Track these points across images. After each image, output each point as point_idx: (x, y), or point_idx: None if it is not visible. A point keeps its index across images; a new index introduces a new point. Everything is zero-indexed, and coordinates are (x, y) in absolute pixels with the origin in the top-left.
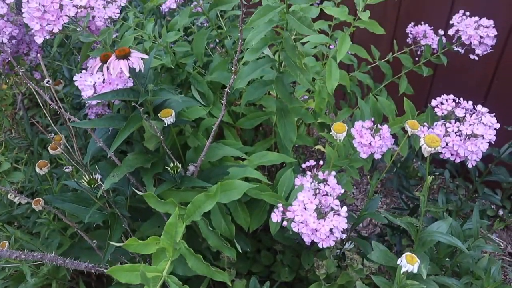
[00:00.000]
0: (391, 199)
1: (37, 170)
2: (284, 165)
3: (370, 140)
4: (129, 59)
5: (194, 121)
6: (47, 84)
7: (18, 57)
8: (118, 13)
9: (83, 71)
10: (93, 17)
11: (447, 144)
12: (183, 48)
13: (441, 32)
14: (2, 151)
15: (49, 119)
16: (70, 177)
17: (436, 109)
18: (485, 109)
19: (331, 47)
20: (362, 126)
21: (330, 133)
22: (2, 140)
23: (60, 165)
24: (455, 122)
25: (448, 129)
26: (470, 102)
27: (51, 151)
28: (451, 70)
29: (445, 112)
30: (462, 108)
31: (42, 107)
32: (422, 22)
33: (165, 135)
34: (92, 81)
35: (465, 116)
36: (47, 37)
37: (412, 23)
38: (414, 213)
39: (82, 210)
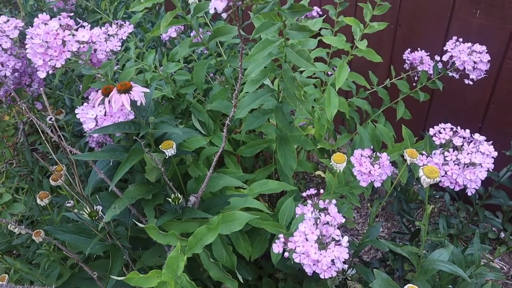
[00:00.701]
0: (392, 223)
1: (38, 201)
2: (285, 192)
3: (370, 168)
4: (130, 93)
5: (194, 150)
6: (50, 122)
7: (20, 88)
8: (119, 46)
9: (85, 104)
10: (95, 50)
11: (446, 173)
12: (184, 76)
13: (437, 57)
14: (3, 181)
15: (49, 148)
16: (71, 209)
17: (434, 138)
18: (482, 138)
19: (329, 74)
20: (361, 154)
21: (330, 163)
22: (3, 170)
23: (61, 195)
24: (453, 151)
25: (447, 158)
26: (468, 131)
27: (52, 182)
28: (448, 94)
29: (443, 141)
30: (459, 136)
31: (42, 135)
32: (419, 49)
33: (166, 166)
34: (94, 114)
35: (462, 145)
36: (50, 72)
37: (409, 49)
38: (416, 237)
39: (82, 241)
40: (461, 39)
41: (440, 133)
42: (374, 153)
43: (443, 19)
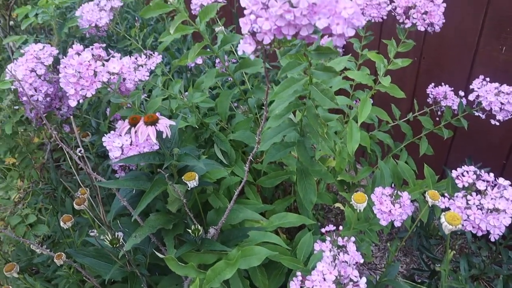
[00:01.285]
0: (411, 258)
1: (61, 224)
2: (303, 224)
3: (390, 207)
4: (156, 125)
5: (216, 180)
6: (80, 154)
7: (50, 112)
8: (147, 76)
9: (112, 132)
10: (124, 79)
11: (468, 217)
12: (208, 104)
13: (461, 93)
14: (29, 201)
15: (75, 171)
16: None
17: (457, 181)
18: (507, 182)
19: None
20: (382, 193)
21: (351, 201)
22: (29, 190)
23: (84, 217)
24: (476, 195)
25: (469, 202)
26: (492, 175)
27: (76, 206)
28: (472, 130)
29: (466, 184)
30: (483, 180)
31: (68, 158)
32: (443, 83)
33: (187, 197)
34: (120, 143)
35: (486, 189)
36: (81, 101)
37: (433, 84)
38: (435, 275)
39: (102, 266)
40: (488, 79)
41: (463, 175)
42: (395, 191)
43: (468, 54)
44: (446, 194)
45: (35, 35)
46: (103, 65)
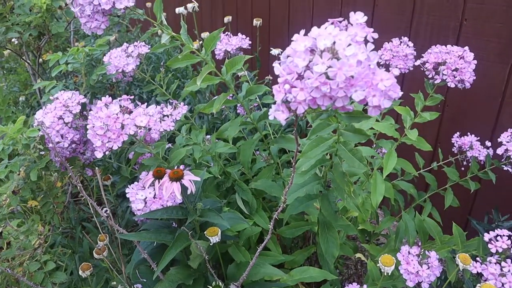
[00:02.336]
0: None
1: (80, 272)
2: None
3: (418, 268)
4: (181, 181)
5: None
6: (105, 214)
7: (74, 157)
8: (173, 126)
9: (135, 183)
10: (149, 129)
11: (503, 285)
12: (231, 150)
13: (488, 143)
14: (48, 245)
15: (94, 213)
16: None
17: (489, 245)
18: None
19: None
20: (409, 252)
21: (378, 264)
22: (49, 234)
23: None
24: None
25: (504, 269)
26: None
27: (95, 255)
28: (498, 180)
29: (500, 250)
30: None
31: (90, 206)
32: (468, 133)
33: (209, 252)
34: (143, 195)
35: None
36: (107, 153)
37: (458, 133)
38: None
39: None
40: None
41: (497, 240)
42: (422, 251)
43: (494, 103)
44: (478, 259)
45: (64, 80)
46: (131, 112)
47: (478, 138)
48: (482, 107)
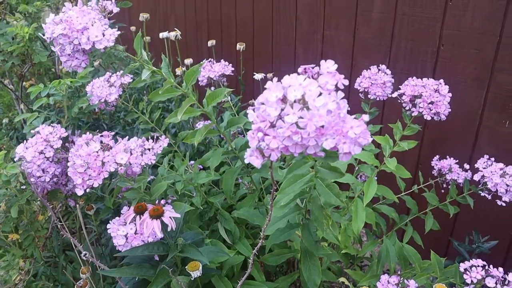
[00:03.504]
0: None
1: None
2: None
3: None
4: (162, 218)
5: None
6: (84, 258)
7: (56, 190)
8: (154, 160)
9: (117, 218)
10: (130, 163)
11: None
12: (213, 178)
13: (466, 166)
14: (30, 278)
15: (77, 241)
16: None
17: (465, 276)
18: None
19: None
20: (388, 281)
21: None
22: (30, 267)
23: None
24: None
25: None
26: (501, 269)
27: None
28: (478, 202)
29: (475, 280)
30: (492, 276)
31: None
32: (447, 156)
33: (191, 286)
34: (124, 231)
35: (495, 287)
36: (87, 190)
37: (437, 157)
38: None
39: None
40: (493, 159)
41: (471, 270)
42: (401, 279)
43: (471, 127)
44: None
45: (46, 111)
46: (111, 148)
47: (457, 161)
48: (460, 131)
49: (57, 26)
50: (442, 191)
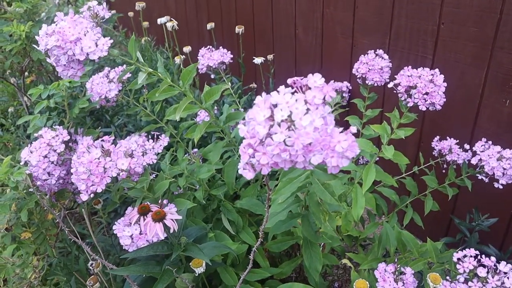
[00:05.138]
0: None
1: None
2: None
3: (393, 285)
4: (164, 222)
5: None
6: (91, 267)
7: (63, 189)
8: (155, 159)
9: (122, 219)
10: (131, 167)
11: None
12: (216, 168)
13: (466, 146)
14: (43, 275)
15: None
16: None
17: (457, 266)
18: (508, 268)
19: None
20: (385, 269)
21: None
22: (44, 265)
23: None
24: (477, 281)
25: None
26: (493, 259)
27: (90, 287)
28: (478, 183)
29: (467, 270)
30: (483, 266)
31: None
32: (447, 137)
33: (196, 281)
34: (130, 232)
35: (487, 276)
36: (91, 195)
37: (438, 137)
38: None
39: None
40: (490, 142)
41: (463, 261)
42: (399, 267)
43: (472, 105)
44: (448, 278)
45: (48, 112)
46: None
47: (458, 141)
48: (461, 109)
49: (50, 38)
50: (443, 171)
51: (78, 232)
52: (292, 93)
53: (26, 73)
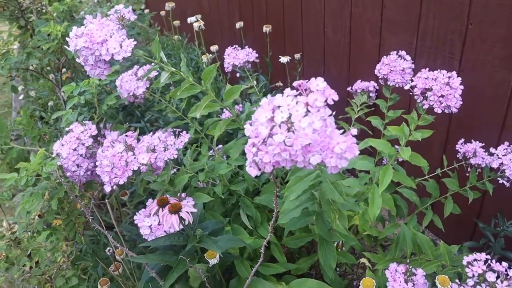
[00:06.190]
0: None
1: (99, 287)
2: None
3: (403, 286)
4: (180, 214)
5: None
6: (108, 253)
7: (91, 180)
8: (176, 155)
9: (142, 210)
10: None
11: None
12: (234, 165)
13: (492, 150)
14: (72, 260)
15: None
16: None
17: (467, 269)
18: None
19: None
20: (396, 269)
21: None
22: (72, 250)
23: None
24: (487, 287)
25: None
26: (504, 264)
27: (112, 273)
28: (503, 189)
29: (476, 274)
30: (493, 271)
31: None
32: (472, 140)
33: (210, 271)
34: (149, 222)
35: (496, 281)
36: (114, 187)
37: (462, 140)
38: None
39: None
40: None
41: (472, 265)
42: (410, 268)
43: (500, 107)
44: (457, 281)
45: (79, 108)
46: (134, 149)
47: (483, 144)
48: (489, 112)
49: (79, 39)
50: (467, 174)
51: (108, 222)
52: (297, 96)
53: (64, 70)
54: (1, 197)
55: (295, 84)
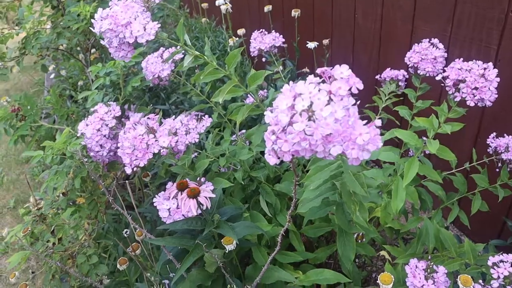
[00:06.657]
0: None
1: (118, 266)
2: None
3: (423, 283)
4: (198, 198)
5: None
6: (125, 235)
7: (114, 161)
8: (197, 139)
9: (162, 193)
10: (176, 141)
11: None
12: (254, 152)
13: None
14: (94, 237)
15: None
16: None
17: (491, 270)
18: None
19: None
20: (416, 265)
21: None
22: (94, 228)
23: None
24: None
25: None
26: None
27: (131, 253)
28: None
29: (501, 276)
30: None
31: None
32: (505, 134)
33: (227, 257)
34: (168, 205)
35: None
36: (135, 169)
37: (494, 134)
38: None
39: None
40: None
41: (499, 266)
42: (431, 264)
43: None
44: (480, 281)
45: (105, 89)
46: (156, 132)
47: None
48: None
49: (104, 21)
50: (497, 170)
51: (130, 202)
52: (320, 83)
53: (93, 50)
54: (32, 173)
55: (318, 71)
